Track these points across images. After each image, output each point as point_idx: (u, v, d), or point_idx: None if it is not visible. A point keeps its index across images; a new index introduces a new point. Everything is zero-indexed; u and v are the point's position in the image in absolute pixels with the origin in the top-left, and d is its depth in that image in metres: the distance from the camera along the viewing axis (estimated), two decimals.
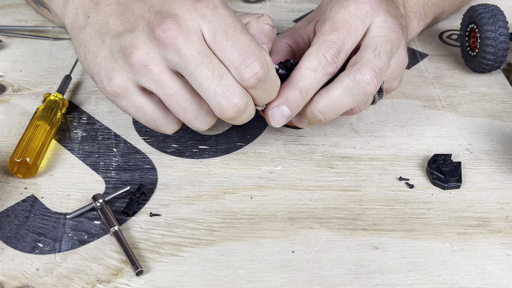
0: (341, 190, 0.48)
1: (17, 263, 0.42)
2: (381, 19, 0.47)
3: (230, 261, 0.42)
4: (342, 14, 0.46)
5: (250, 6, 0.75)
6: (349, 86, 0.45)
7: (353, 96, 0.45)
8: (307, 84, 0.45)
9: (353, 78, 0.44)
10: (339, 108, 0.46)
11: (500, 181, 0.49)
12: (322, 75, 0.45)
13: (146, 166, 0.50)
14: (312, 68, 0.44)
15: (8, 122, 0.55)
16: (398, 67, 0.49)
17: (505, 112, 0.56)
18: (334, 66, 0.45)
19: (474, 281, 0.40)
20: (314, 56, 0.45)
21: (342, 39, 0.45)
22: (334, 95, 0.45)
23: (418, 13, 0.60)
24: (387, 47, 0.46)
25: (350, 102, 0.45)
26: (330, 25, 0.46)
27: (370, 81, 0.44)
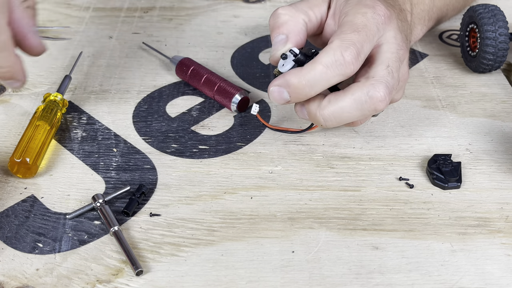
0: (341, 190, 0.48)
1: (17, 263, 0.42)
2: (392, 35, 0.47)
3: (230, 261, 0.42)
4: (360, 19, 0.46)
5: (250, 6, 0.75)
6: (361, 99, 0.45)
7: (362, 110, 0.45)
8: (315, 80, 0.44)
9: (367, 93, 0.44)
10: (344, 119, 0.46)
11: (500, 181, 0.49)
12: (334, 74, 0.44)
13: (146, 166, 0.50)
14: (325, 65, 0.44)
15: (8, 122, 0.55)
16: (401, 81, 0.50)
17: (505, 112, 0.56)
18: (351, 68, 0.44)
19: (474, 281, 0.40)
20: (331, 53, 0.44)
21: (361, 41, 0.44)
22: (343, 105, 0.45)
23: (423, 19, 0.60)
24: (397, 64, 0.46)
25: (357, 115, 0.45)
26: (350, 26, 0.45)
27: (382, 98, 0.44)
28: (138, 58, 0.64)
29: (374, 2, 0.47)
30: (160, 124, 0.55)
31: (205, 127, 0.54)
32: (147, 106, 0.57)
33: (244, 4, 0.75)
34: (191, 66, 0.59)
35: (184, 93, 0.59)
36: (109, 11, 0.73)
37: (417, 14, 0.59)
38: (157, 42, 0.67)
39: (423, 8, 0.60)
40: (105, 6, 0.74)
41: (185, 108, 0.57)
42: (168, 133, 0.54)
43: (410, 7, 0.57)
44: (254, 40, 0.68)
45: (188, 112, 0.56)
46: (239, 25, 0.70)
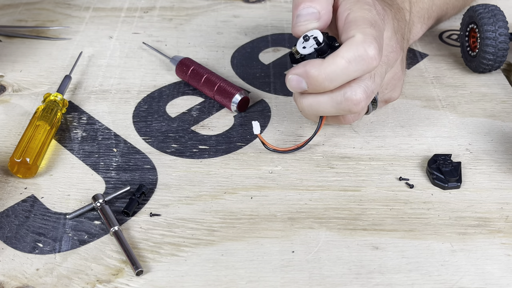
0: (341, 190, 0.48)
1: (17, 263, 0.42)
2: (388, 36, 0.47)
3: (230, 261, 0.42)
4: (369, 15, 0.45)
5: (250, 6, 0.75)
6: (337, 99, 0.45)
7: (338, 109, 0.45)
8: (335, 74, 0.43)
9: (343, 94, 0.44)
10: (320, 112, 0.46)
11: (500, 181, 0.49)
12: (355, 69, 0.43)
13: (146, 166, 0.50)
14: (348, 60, 0.43)
15: (8, 122, 0.55)
16: (394, 80, 0.50)
17: (505, 112, 0.56)
18: (374, 64, 0.43)
19: (474, 281, 0.40)
20: (354, 48, 0.43)
21: (380, 36, 0.44)
22: (320, 100, 0.45)
23: (422, 17, 0.60)
24: (382, 69, 0.46)
25: (332, 112, 0.46)
26: (364, 21, 0.44)
27: (358, 101, 0.45)
28: (138, 58, 0.64)
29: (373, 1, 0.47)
30: (160, 124, 0.55)
31: (205, 127, 0.54)
32: (147, 106, 0.57)
33: (244, 4, 0.75)
34: (191, 66, 0.59)
35: (184, 93, 0.59)
36: (109, 11, 0.73)
37: (416, 12, 0.59)
38: (157, 42, 0.67)
39: (422, 6, 0.60)
40: (105, 6, 0.74)
41: (185, 108, 0.57)
42: (168, 133, 0.54)
43: (409, 6, 0.57)
44: (254, 40, 0.68)
45: (188, 112, 0.56)
46: (239, 25, 0.70)
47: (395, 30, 0.48)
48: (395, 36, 0.48)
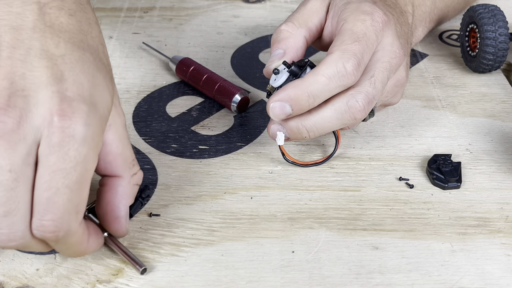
0: (341, 190, 0.48)
1: (17, 263, 0.42)
2: (389, 42, 0.47)
3: (230, 261, 0.42)
4: (360, 27, 0.46)
5: (250, 6, 0.75)
6: (341, 109, 0.45)
7: (342, 119, 0.45)
8: (317, 91, 0.44)
9: (346, 103, 0.45)
10: (326, 129, 0.46)
11: (500, 181, 0.49)
12: (335, 86, 0.44)
13: (146, 166, 0.50)
14: (328, 76, 0.44)
15: None
16: (396, 86, 0.50)
17: (505, 112, 0.56)
18: (352, 79, 0.44)
19: (474, 281, 0.40)
20: (333, 65, 0.44)
21: (362, 51, 0.45)
22: (324, 116, 0.45)
23: (424, 20, 0.60)
24: (384, 74, 0.46)
25: (338, 124, 0.46)
26: (350, 35, 0.45)
27: (361, 108, 0.45)
28: (138, 58, 0.64)
29: (372, 8, 0.47)
30: (160, 124, 0.55)
31: (205, 127, 0.54)
32: (147, 106, 0.57)
33: (244, 4, 0.75)
34: (191, 66, 0.59)
35: (184, 93, 0.59)
36: (109, 11, 0.73)
37: (418, 16, 0.59)
38: (157, 42, 0.67)
39: (424, 10, 0.60)
40: (105, 6, 0.74)
41: (185, 108, 0.57)
42: (168, 133, 0.54)
43: (412, 9, 0.56)
44: (254, 40, 0.68)
45: (188, 112, 0.56)
46: (239, 25, 0.70)
47: (398, 35, 0.48)
48: (397, 41, 0.48)
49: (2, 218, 0.34)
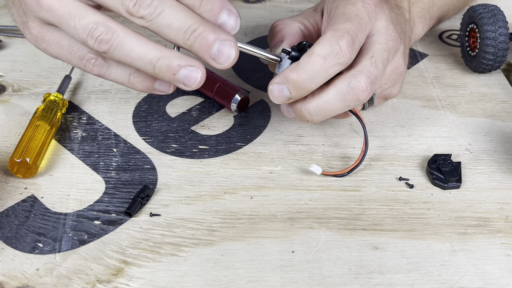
0: (341, 190, 0.48)
1: (17, 263, 0.42)
2: (383, 25, 0.47)
3: (230, 261, 0.42)
4: (351, 9, 0.45)
5: (250, 6, 0.75)
6: (343, 91, 0.44)
7: (346, 101, 0.45)
8: (314, 72, 0.43)
9: (348, 84, 0.44)
10: (329, 112, 0.45)
11: (500, 181, 0.49)
12: (332, 64, 0.43)
13: (146, 166, 0.50)
14: (323, 56, 0.43)
15: (8, 122, 0.55)
16: (395, 74, 0.49)
17: (505, 112, 0.56)
18: (348, 57, 0.44)
19: (474, 281, 0.40)
20: (327, 43, 0.43)
21: (355, 29, 0.44)
22: (327, 98, 0.45)
23: (423, 17, 0.60)
24: (384, 55, 0.46)
25: (341, 107, 0.45)
26: (341, 17, 0.45)
27: (364, 88, 0.44)
28: None
29: None
30: (160, 124, 0.55)
31: (205, 127, 0.54)
32: (147, 106, 0.57)
33: (244, 4, 0.75)
34: None
35: (184, 93, 0.59)
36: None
37: (416, 12, 0.59)
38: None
39: (422, 6, 0.60)
40: None
41: (185, 108, 0.57)
42: (168, 133, 0.54)
43: (408, 5, 0.57)
44: (254, 40, 0.68)
45: (188, 112, 0.56)
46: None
47: (392, 20, 0.48)
48: (392, 25, 0.47)
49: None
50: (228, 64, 0.41)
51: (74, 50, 0.43)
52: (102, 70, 0.43)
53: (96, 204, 0.46)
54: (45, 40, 0.43)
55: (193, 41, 0.40)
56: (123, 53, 0.40)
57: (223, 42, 0.40)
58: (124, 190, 0.47)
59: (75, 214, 0.45)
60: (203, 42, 0.40)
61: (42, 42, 0.43)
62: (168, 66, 0.40)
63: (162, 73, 0.41)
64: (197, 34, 0.40)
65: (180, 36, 0.40)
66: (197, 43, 0.40)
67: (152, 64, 0.40)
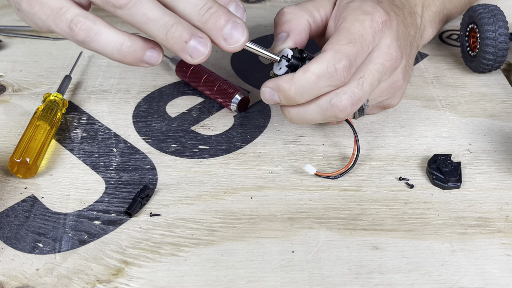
0: (341, 190, 0.48)
1: (17, 263, 0.42)
2: (386, 43, 0.47)
3: (230, 261, 0.42)
4: (358, 27, 0.45)
5: (250, 6, 0.75)
6: (323, 105, 0.45)
7: (324, 115, 0.46)
8: (305, 89, 0.44)
9: (329, 100, 0.45)
10: (308, 120, 0.47)
11: (500, 181, 0.49)
12: (324, 85, 0.44)
13: (146, 166, 0.50)
14: (317, 75, 0.44)
15: (8, 122, 0.55)
16: (392, 88, 0.49)
17: (505, 112, 0.56)
18: (342, 80, 0.44)
19: (474, 281, 0.40)
20: (324, 64, 0.44)
21: (355, 53, 0.44)
22: (308, 108, 0.46)
23: (434, 21, 0.60)
24: (375, 76, 0.46)
25: (319, 119, 0.46)
26: (346, 35, 0.45)
27: (343, 108, 0.45)
28: None
29: (374, 7, 0.47)
30: (160, 124, 0.55)
31: (205, 127, 0.54)
32: (147, 106, 0.57)
33: (244, 4, 0.75)
34: (191, 66, 0.59)
35: (184, 93, 0.59)
36: None
37: (428, 17, 0.58)
38: None
39: (434, 10, 0.59)
40: None
41: (185, 108, 0.57)
42: (168, 133, 0.54)
43: (421, 10, 0.56)
44: (254, 40, 0.68)
45: (188, 112, 0.56)
46: None
47: (398, 37, 0.48)
48: (395, 43, 0.47)
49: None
50: (238, 47, 0.42)
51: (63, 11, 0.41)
52: (89, 35, 0.41)
53: (96, 204, 0.46)
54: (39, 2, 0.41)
55: (208, 18, 0.40)
56: (141, 10, 0.39)
57: (235, 24, 0.41)
58: (124, 190, 0.48)
59: (75, 214, 0.45)
60: (217, 20, 0.40)
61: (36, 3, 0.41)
62: (181, 32, 0.40)
63: (174, 40, 0.40)
64: (213, 11, 0.40)
65: (196, 12, 0.40)
66: (211, 20, 0.40)
67: (166, 28, 0.40)
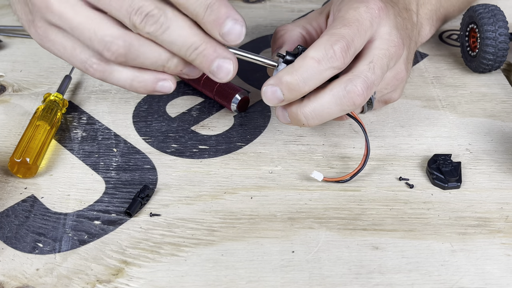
0: (341, 190, 0.48)
1: (17, 263, 0.42)
2: (386, 30, 0.47)
3: (230, 261, 0.42)
4: (352, 14, 0.45)
5: (250, 6, 0.75)
6: (339, 94, 0.44)
7: (342, 105, 0.45)
8: (307, 75, 0.43)
9: (344, 87, 0.44)
10: (325, 115, 0.45)
11: (500, 181, 0.49)
12: (325, 68, 0.43)
13: (146, 166, 0.50)
14: (317, 59, 0.43)
15: (8, 122, 0.55)
16: (395, 79, 0.49)
17: (505, 112, 0.56)
18: (341, 61, 0.44)
19: (474, 281, 0.40)
20: (321, 47, 0.43)
21: (352, 34, 0.44)
22: (323, 102, 0.45)
23: (431, 19, 0.60)
24: (383, 61, 0.46)
25: (337, 111, 0.45)
26: (340, 21, 0.45)
27: (360, 93, 0.44)
28: None
29: None
30: (160, 124, 0.55)
31: (205, 127, 0.54)
32: (147, 106, 0.57)
33: (244, 4, 0.75)
34: None
35: (184, 93, 0.59)
36: None
37: (424, 14, 0.58)
38: None
39: (430, 8, 0.59)
40: None
41: (185, 108, 0.57)
42: (168, 133, 0.54)
43: (416, 8, 0.56)
44: (254, 40, 0.68)
45: (188, 112, 0.56)
46: None
47: (396, 26, 0.48)
48: (395, 31, 0.47)
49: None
50: (226, 80, 0.43)
51: (77, 52, 0.43)
52: (104, 75, 0.44)
53: (96, 204, 0.46)
54: (50, 40, 0.44)
55: (194, 57, 0.41)
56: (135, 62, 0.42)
57: (223, 60, 0.42)
58: (124, 190, 0.48)
59: (75, 214, 0.45)
60: (203, 60, 0.41)
61: (47, 41, 0.44)
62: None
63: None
64: (199, 52, 0.41)
65: (183, 52, 0.41)
66: (198, 60, 0.42)
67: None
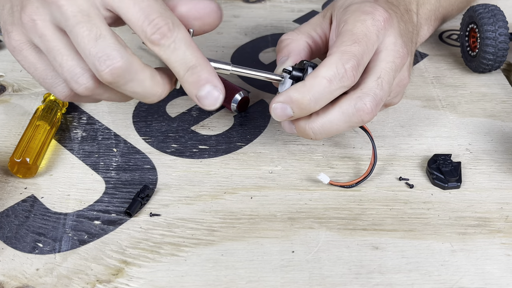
0: (341, 190, 0.48)
1: (17, 263, 0.42)
2: (391, 41, 0.47)
3: (230, 261, 0.42)
4: (360, 28, 0.45)
5: (250, 6, 0.75)
6: (348, 112, 0.45)
7: (350, 122, 0.45)
8: (319, 94, 0.44)
9: (354, 105, 0.44)
10: (333, 131, 0.46)
11: (500, 181, 0.49)
12: (337, 87, 0.44)
13: (146, 166, 0.50)
14: (328, 79, 0.43)
15: (8, 122, 0.55)
16: (399, 86, 0.50)
17: (505, 112, 0.56)
18: (352, 80, 0.44)
19: (474, 281, 0.40)
20: (333, 66, 0.44)
21: (361, 52, 0.44)
22: (331, 118, 0.45)
23: (429, 19, 0.60)
24: (390, 75, 0.46)
25: (345, 127, 0.45)
26: (350, 37, 0.45)
27: (369, 111, 0.44)
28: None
29: (373, 7, 0.47)
30: (160, 124, 0.55)
31: (205, 127, 0.54)
32: (147, 106, 0.57)
33: (244, 4, 0.75)
34: None
35: (184, 93, 0.59)
36: None
37: (423, 14, 0.58)
38: None
39: (429, 8, 0.59)
40: None
41: (185, 108, 0.57)
42: (168, 133, 0.54)
43: (416, 8, 0.56)
44: (254, 40, 0.68)
45: (188, 112, 0.56)
46: (239, 25, 0.70)
47: (401, 33, 0.48)
48: (400, 40, 0.47)
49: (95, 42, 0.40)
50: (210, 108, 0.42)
51: (48, 76, 0.43)
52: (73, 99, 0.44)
53: (96, 204, 0.46)
54: (22, 55, 0.43)
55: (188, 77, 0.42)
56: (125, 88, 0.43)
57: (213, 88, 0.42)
58: (124, 190, 0.48)
59: (75, 214, 0.45)
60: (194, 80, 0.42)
61: (18, 54, 0.43)
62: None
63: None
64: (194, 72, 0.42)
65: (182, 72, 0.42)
66: (190, 79, 0.42)
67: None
